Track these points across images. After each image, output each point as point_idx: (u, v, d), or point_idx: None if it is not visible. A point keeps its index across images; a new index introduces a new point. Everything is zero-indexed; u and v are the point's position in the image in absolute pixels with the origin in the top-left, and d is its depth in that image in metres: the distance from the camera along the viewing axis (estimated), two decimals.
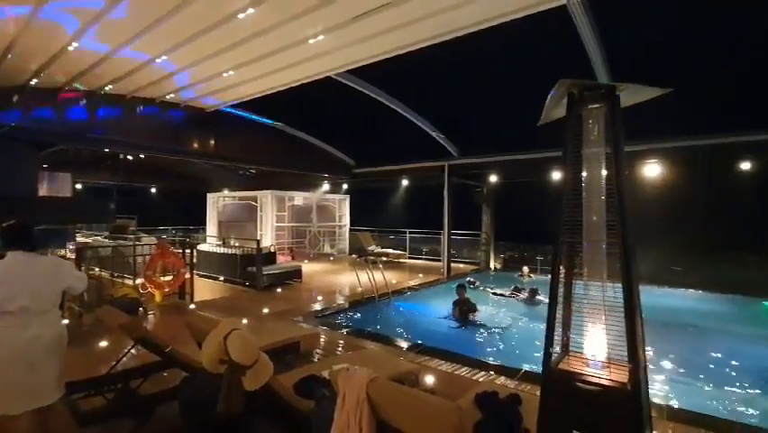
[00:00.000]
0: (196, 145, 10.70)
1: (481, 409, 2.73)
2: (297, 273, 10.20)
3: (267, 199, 14.17)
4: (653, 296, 9.78)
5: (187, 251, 8.24)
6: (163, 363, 3.45)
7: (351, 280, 9.63)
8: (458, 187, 13.21)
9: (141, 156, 12.69)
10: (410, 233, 15.88)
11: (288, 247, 14.54)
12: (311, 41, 6.24)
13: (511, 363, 5.25)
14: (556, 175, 10.25)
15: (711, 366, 5.63)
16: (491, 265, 14.08)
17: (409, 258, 15.29)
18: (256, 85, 8.55)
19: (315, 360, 4.67)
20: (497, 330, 7.32)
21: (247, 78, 8.14)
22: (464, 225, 14.51)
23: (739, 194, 11.14)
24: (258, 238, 11.69)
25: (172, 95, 9.06)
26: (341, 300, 8.47)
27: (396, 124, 10.62)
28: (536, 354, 2.23)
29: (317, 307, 7.82)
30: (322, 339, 5.62)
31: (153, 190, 20.84)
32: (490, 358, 5.73)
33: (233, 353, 2.19)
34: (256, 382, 2.31)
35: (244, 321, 6.45)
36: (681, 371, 5.45)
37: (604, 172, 2.28)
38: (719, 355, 6.06)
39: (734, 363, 5.72)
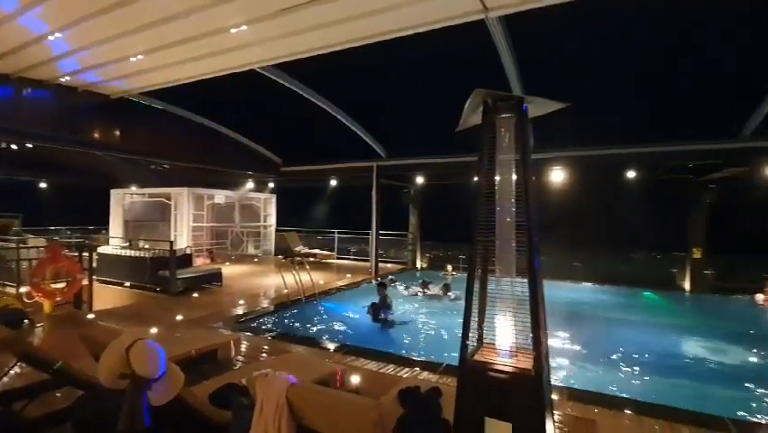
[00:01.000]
0: (97, 135, 9.56)
1: (404, 405, 2.82)
2: (216, 276, 9.60)
3: (182, 197, 13.14)
4: (557, 289, 10.88)
5: (85, 254, 7.35)
6: (53, 382, 3.03)
7: (276, 281, 9.31)
8: (386, 187, 13.46)
9: (29, 146, 11.01)
10: (339, 233, 15.82)
11: (207, 249, 13.64)
12: (233, 31, 5.91)
13: (433, 357, 5.49)
14: (476, 178, 10.90)
15: (603, 350, 6.38)
16: (418, 264, 14.55)
17: (337, 258, 15.22)
18: (170, 72, 7.87)
19: (236, 367, 4.44)
20: (419, 326, 7.59)
21: (160, 65, 7.46)
22: (392, 225, 14.82)
23: (625, 198, 12.84)
24: (171, 239, 10.80)
25: (68, 77, 7.99)
26: (265, 303, 8.16)
27: (325, 124, 10.50)
28: (455, 347, 2.35)
29: (239, 311, 7.44)
30: (244, 345, 5.36)
31: (44, 185, 18.22)
32: (414, 354, 5.92)
33: (136, 365, 1.99)
34: (164, 395, 2.13)
35: (153, 330, 5.91)
36: (579, 355, 6.11)
37: (514, 177, 2.47)
38: (609, 340, 6.91)
39: (621, 345, 6.55)
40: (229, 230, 15.09)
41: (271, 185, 16.43)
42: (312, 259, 13.37)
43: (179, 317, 6.85)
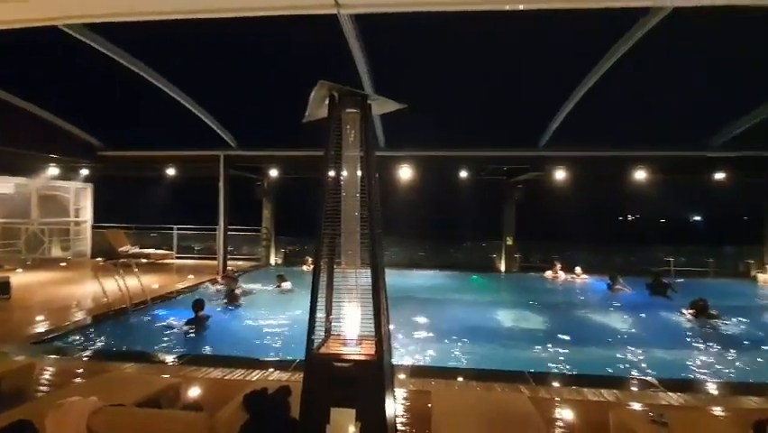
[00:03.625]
0: None
1: (248, 410, 2.65)
2: (1, 288, 7.46)
3: None
4: (406, 277, 11.90)
5: None
6: None
7: (94, 289, 7.75)
8: (237, 180, 12.54)
9: None
10: (179, 229, 14.05)
11: None
12: None
13: (286, 354, 5.37)
14: (324, 172, 11.00)
15: (440, 328, 7.21)
16: (272, 261, 14.01)
17: (178, 258, 13.54)
18: None
19: (33, 400, 3.51)
20: (271, 323, 7.30)
21: None
22: (244, 220, 13.95)
23: (459, 195, 14.82)
24: None
25: None
26: (78, 316, 6.71)
27: (163, 106, 9.09)
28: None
29: (40, 329, 5.95)
30: (47, 371, 4.31)
31: None
32: (266, 354, 5.69)
33: None
34: None
35: None
36: (420, 335, 6.79)
37: (360, 173, 2.55)
38: (445, 318, 7.87)
39: (453, 322, 7.53)
40: (23, 228, 11.89)
41: (86, 172, 13.45)
42: (144, 260, 11.59)
43: None
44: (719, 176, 11.07)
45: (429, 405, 3.17)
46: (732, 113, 9.07)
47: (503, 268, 13.46)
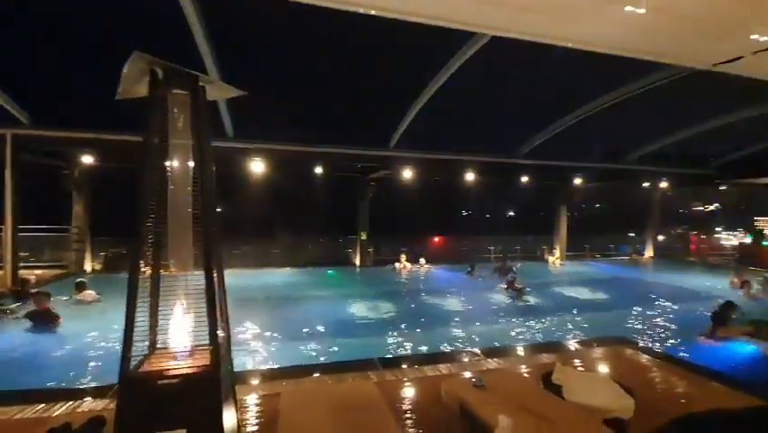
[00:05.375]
0: None
1: None
2: None
3: None
4: (257, 277, 11.31)
5: None
6: None
7: None
8: (35, 167, 9.92)
9: None
10: None
11: None
12: None
13: (104, 378, 4.50)
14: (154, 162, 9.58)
15: (293, 326, 7.07)
16: (87, 267, 11.57)
17: None
18: None
19: None
20: (84, 343, 6.03)
21: None
22: (48, 217, 11.26)
23: (316, 191, 14.82)
24: None
25: None
26: None
27: None
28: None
29: None
30: None
31: None
32: (77, 381, 4.68)
33: None
34: None
35: None
36: (271, 336, 6.53)
37: (192, 163, 2.26)
38: (299, 316, 7.77)
39: (308, 319, 7.47)
40: None
41: None
42: None
43: None
44: (524, 179, 13.69)
45: (279, 407, 3.06)
46: (533, 128, 11.27)
47: (358, 262, 14.00)
